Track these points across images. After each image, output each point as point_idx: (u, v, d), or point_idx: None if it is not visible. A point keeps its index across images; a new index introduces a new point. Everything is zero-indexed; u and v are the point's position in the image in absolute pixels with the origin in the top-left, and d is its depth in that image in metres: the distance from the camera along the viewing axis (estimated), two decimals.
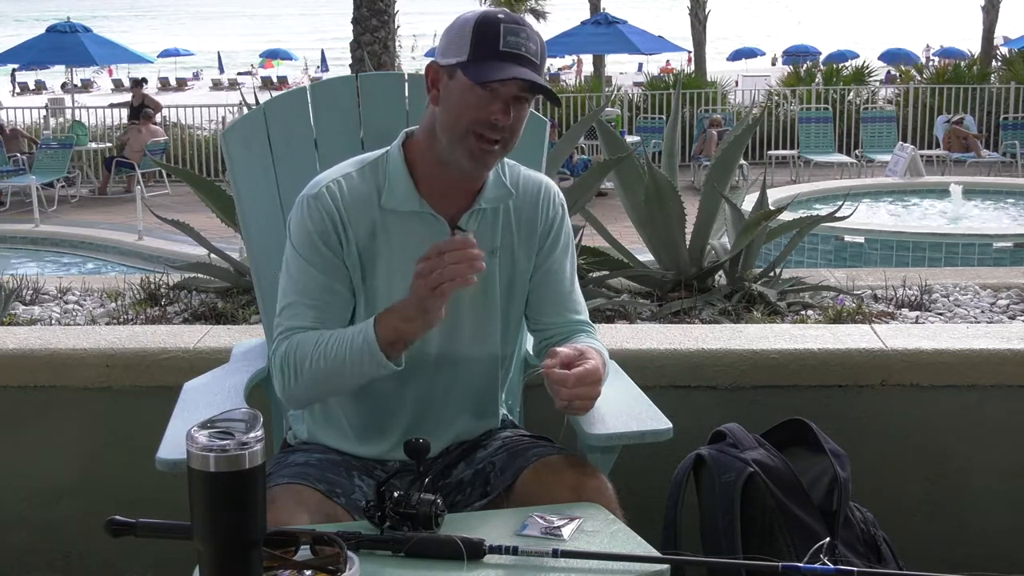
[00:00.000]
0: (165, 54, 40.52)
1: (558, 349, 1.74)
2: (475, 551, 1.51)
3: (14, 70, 35.07)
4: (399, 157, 1.89)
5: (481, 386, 1.99)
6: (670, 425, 1.86)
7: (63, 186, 13.58)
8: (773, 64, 41.64)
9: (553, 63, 32.56)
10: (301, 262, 1.85)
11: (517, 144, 1.87)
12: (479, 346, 1.94)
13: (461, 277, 1.63)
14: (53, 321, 3.32)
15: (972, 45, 23.10)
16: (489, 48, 1.74)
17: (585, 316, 2.01)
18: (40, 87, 38.09)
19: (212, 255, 3.89)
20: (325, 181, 1.88)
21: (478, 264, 1.64)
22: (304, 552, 1.44)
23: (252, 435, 1.26)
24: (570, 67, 37.17)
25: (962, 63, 18.60)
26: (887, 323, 3.05)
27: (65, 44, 15.92)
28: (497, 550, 1.52)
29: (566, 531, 1.60)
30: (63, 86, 25.75)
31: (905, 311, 3.29)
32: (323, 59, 46.23)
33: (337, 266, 1.85)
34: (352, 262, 1.86)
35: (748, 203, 4.23)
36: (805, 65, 20.46)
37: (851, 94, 16.50)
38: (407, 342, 1.75)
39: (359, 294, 1.88)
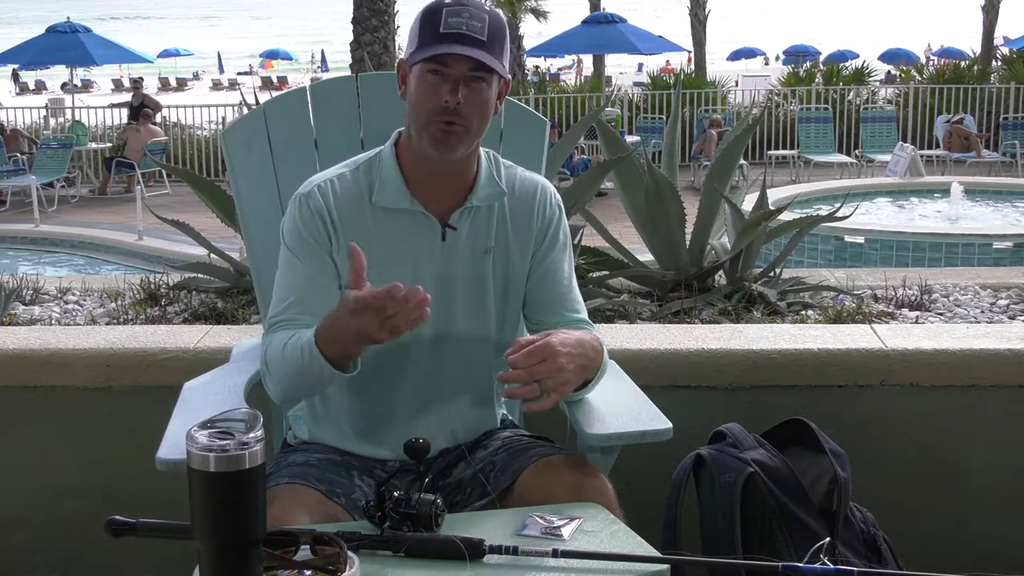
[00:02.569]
0: (165, 54, 40.53)
1: (519, 339, 1.74)
2: (475, 551, 1.51)
3: (15, 70, 35.05)
4: (391, 156, 1.91)
5: (477, 386, 1.99)
6: (670, 425, 1.86)
7: (63, 186, 13.57)
8: (766, 64, 41.59)
9: (553, 63, 32.56)
10: (290, 256, 1.88)
11: (517, 144, 1.88)
12: (474, 346, 1.94)
13: (410, 326, 1.62)
14: (53, 321, 3.32)
15: (972, 45, 23.11)
16: (431, 32, 1.78)
17: (584, 315, 2.01)
18: (40, 87, 38.08)
19: (212, 255, 3.90)
20: (317, 181, 1.91)
21: (422, 313, 1.61)
22: (304, 552, 1.44)
23: (252, 435, 1.26)
24: (570, 67, 37.17)
25: (962, 63, 18.60)
26: (887, 323, 3.05)
27: (65, 44, 15.92)
28: (497, 550, 1.52)
29: (566, 531, 1.60)
30: (63, 86, 25.76)
31: (905, 311, 3.29)
32: (323, 59, 46.24)
33: (324, 261, 1.87)
34: (342, 258, 1.87)
35: (748, 203, 4.23)
36: (805, 65, 20.45)
37: (851, 94, 16.51)
38: (353, 356, 1.75)
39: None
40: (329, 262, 1.87)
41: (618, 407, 1.91)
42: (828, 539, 1.98)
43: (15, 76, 38.63)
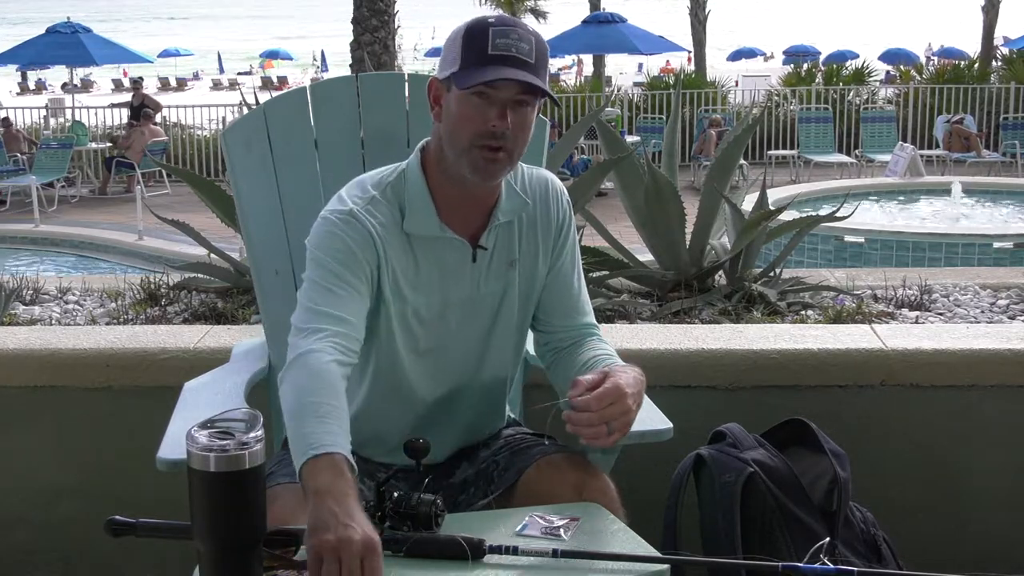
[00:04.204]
0: (165, 54, 40.46)
1: (580, 379, 1.68)
2: (475, 551, 1.51)
3: (24, 70, 34.97)
4: (418, 176, 1.83)
5: (490, 394, 1.98)
6: (670, 425, 1.86)
7: (63, 186, 13.58)
8: (765, 61, 41.52)
9: (553, 63, 32.50)
10: (334, 265, 1.74)
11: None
12: (496, 356, 1.92)
13: None
14: (53, 321, 3.32)
15: (972, 45, 23.10)
16: (478, 54, 1.70)
17: (591, 318, 1.99)
18: (40, 87, 38.06)
19: (212, 255, 3.90)
20: (356, 205, 1.78)
21: None
22: (304, 552, 1.44)
23: (252, 435, 1.26)
24: (570, 67, 37.14)
25: (962, 63, 18.60)
26: (887, 323, 3.05)
27: (65, 44, 15.91)
28: (497, 550, 1.52)
29: (566, 531, 1.60)
30: (63, 86, 25.76)
31: (905, 311, 3.29)
32: (323, 59, 46.22)
33: (367, 275, 1.76)
34: (386, 283, 1.79)
35: (748, 203, 4.23)
36: (805, 65, 20.45)
37: (851, 94, 16.51)
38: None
39: (393, 316, 1.82)
40: (371, 285, 1.77)
41: None
42: (828, 539, 1.97)
43: (23, 76, 38.58)
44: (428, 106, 1.83)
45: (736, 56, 38.27)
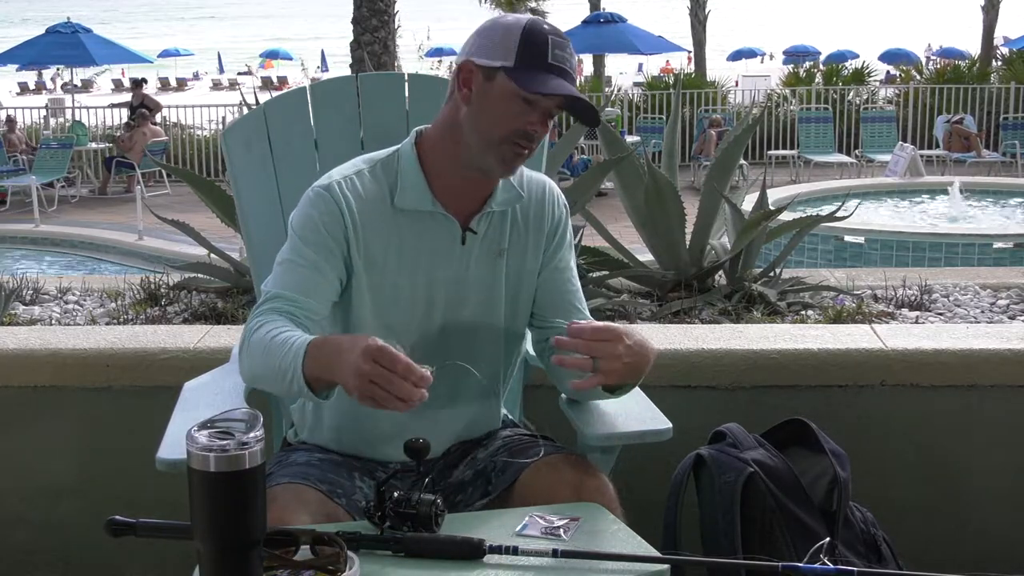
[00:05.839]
0: (165, 54, 40.48)
1: (576, 322, 1.76)
2: (475, 551, 1.51)
3: (30, 69, 34.97)
4: (412, 156, 1.88)
5: (485, 386, 1.99)
6: (670, 425, 1.86)
7: (63, 186, 13.58)
8: (761, 63, 41.47)
9: None
10: (296, 241, 1.84)
11: None
12: (483, 346, 1.94)
13: (394, 407, 1.56)
14: (53, 321, 3.32)
15: (972, 45, 23.11)
16: (538, 59, 1.76)
17: (587, 314, 2.02)
18: (40, 87, 38.06)
19: (212, 255, 3.90)
20: (337, 177, 1.87)
21: (413, 405, 1.56)
22: (304, 552, 1.44)
23: (252, 435, 1.26)
24: None
25: (962, 63, 18.60)
26: (887, 323, 3.05)
27: (65, 44, 15.91)
28: (497, 550, 1.52)
29: (566, 531, 1.60)
30: (63, 86, 25.76)
31: (905, 311, 3.29)
32: (323, 59, 46.22)
33: (335, 257, 1.83)
34: (361, 257, 1.84)
35: (748, 203, 4.23)
36: (805, 65, 20.45)
37: (851, 94, 16.52)
38: (332, 386, 1.69)
39: (365, 289, 1.86)
40: (339, 260, 1.83)
41: (618, 407, 1.91)
42: (828, 539, 1.97)
43: (39, 74, 38.56)
44: (428, 106, 1.86)
45: (736, 56, 38.23)
